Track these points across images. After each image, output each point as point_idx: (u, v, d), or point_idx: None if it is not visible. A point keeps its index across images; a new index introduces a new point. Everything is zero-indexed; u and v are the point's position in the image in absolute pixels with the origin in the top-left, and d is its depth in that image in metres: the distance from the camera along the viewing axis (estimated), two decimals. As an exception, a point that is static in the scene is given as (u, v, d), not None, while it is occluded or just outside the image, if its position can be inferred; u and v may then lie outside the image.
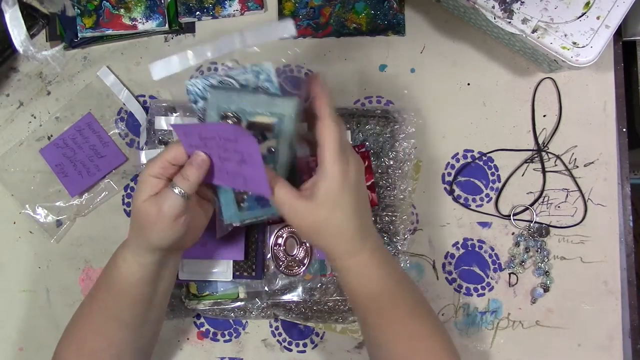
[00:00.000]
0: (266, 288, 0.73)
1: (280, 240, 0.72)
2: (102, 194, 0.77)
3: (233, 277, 0.72)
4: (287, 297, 0.73)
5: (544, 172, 0.75)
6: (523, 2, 0.65)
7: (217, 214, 0.65)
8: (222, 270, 0.72)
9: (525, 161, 0.75)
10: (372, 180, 0.73)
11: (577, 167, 0.75)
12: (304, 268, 0.72)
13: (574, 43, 0.64)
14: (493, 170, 0.76)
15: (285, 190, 0.52)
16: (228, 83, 0.55)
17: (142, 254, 0.56)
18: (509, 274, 0.75)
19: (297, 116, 0.54)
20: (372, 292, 0.56)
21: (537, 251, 0.74)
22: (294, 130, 0.54)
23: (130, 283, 0.57)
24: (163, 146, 0.73)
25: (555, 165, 0.75)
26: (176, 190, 0.52)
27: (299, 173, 0.59)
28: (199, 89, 0.56)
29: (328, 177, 0.51)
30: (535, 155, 0.75)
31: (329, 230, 0.53)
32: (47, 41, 0.78)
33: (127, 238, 0.58)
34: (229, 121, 0.54)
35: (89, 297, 0.61)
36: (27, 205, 0.77)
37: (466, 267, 0.75)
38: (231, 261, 0.72)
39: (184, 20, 0.77)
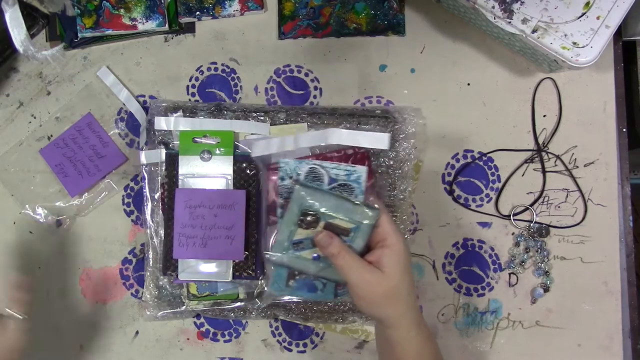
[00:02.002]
0: (266, 288, 0.73)
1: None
2: (102, 194, 0.77)
3: (233, 277, 0.72)
4: (286, 298, 0.73)
5: (544, 172, 0.75)
6: (523, 2, 0.65)
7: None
8: (222, 271, 0.72)
9: (525, 161, 0.75)
10: (372, 180, 0.73)
11: (577, 167, 0.75)
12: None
13: (574, 43, 0.64)
14: (493, 170, 0.76)
15: (357, 262, 0.55)
16: (318, 172, 0.60)
17: None
18: (509, 274, 0.75)
19: (374, 225, 0.57)
20: None
21: (537, 251, 0.74)
22: (369, 236, 0.58)
23: None
24: (162, 146, 0.73)
25: (555, 165, 0.75)
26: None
27: None
28: (290, 169, 0.62)
29: (395, 248, 0.55)
30: (535, 155, 0.75)
31: (400, 298, 0.56)
32: (47, 41, 0.78)
33: None
34: (309, 218, 0.58)
35: None
36: (27, 205, 0.77)
37: (466, 267, 0.75)
38: (231, 261, 0.72)
39: (184, 20, 0.77)
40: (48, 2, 0.78)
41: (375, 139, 0.68)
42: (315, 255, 0.59)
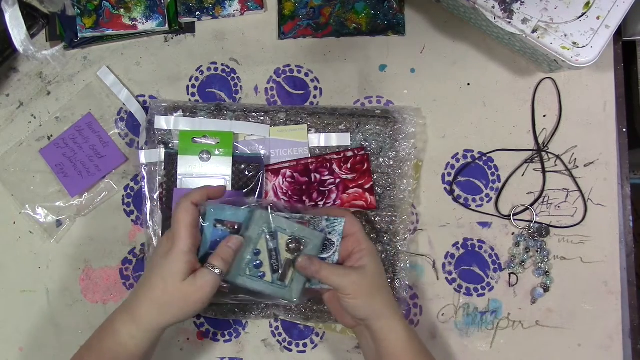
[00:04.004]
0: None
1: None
2: (102, 194, 0.77)
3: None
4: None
5: (544, 172, 0.75)
6: (523, 2, 0.65)
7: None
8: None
9: (525, 161, 0.75)
10: (371, 183, 0.73)
11: (577, 167, 0.75)
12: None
13: (574, 43, 0.64)
14: (493, 170, 0.76)
15: (339, 270, 0.61)
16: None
17: (155, 330, 0.59)
18: (509, 274, 0.75)
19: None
20: (408, 353, 0.62)
21: (537, 251, 0.74)
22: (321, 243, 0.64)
23: (132, 355, 0.59)
24: (162, 146, 0.73)
25: (555, 165, 0.75)
26: (216, 271, 0.58)
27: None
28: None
29: (371, 249, 0.63)
30: (535, 156, 0.75)
31: (382, 288, 0.63)
32: (47, 41, 0.78)
33: (134, 315, 0.59)
34: (292, 245, 0.63)
35: None
36: (27, 205, 0.77)
37: (466, 267, 0.75)
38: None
39: (184, 20, 0.77)
40: (48, 2, 0.78)
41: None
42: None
